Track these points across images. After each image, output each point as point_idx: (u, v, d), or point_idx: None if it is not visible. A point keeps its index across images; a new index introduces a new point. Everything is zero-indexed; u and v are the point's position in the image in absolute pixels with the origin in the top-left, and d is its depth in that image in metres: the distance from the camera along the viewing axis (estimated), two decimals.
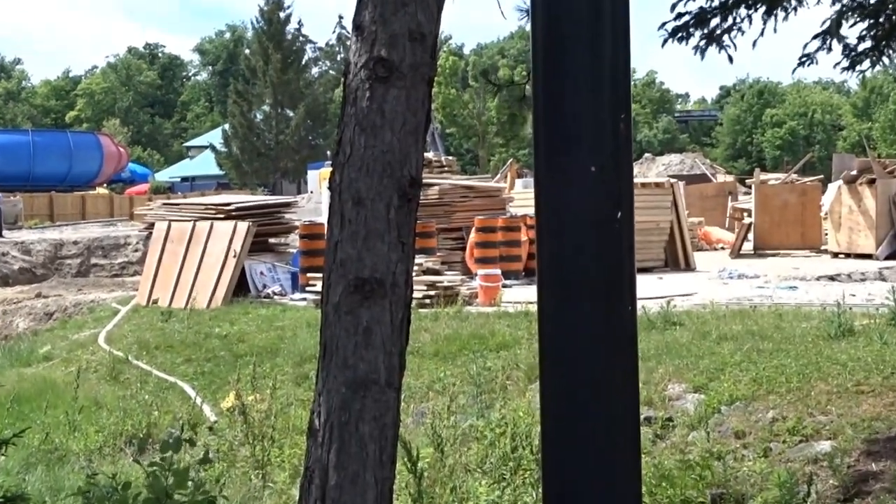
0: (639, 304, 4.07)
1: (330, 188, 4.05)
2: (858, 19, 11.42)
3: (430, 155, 31.97)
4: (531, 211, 3.66)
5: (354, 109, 3.99)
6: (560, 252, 3.52)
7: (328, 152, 62.09)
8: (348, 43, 4.17)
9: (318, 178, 48.26)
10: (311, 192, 51.24)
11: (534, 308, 3.91)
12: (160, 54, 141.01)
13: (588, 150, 3.48)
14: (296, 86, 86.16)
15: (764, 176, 39.91)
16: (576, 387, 3.52)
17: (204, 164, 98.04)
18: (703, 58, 10.89)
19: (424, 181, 21.74)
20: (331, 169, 4.10)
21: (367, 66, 3.96)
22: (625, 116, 3.51)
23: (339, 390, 3.95)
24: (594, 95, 3.49)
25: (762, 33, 11.00)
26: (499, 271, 22.40)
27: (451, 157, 34.29)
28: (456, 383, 13.72)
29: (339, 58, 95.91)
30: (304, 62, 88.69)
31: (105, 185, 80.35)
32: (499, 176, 47.63)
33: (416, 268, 21.07)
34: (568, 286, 3.50)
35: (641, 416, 6.97)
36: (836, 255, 29.59)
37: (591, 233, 3.49)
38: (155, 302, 24.47)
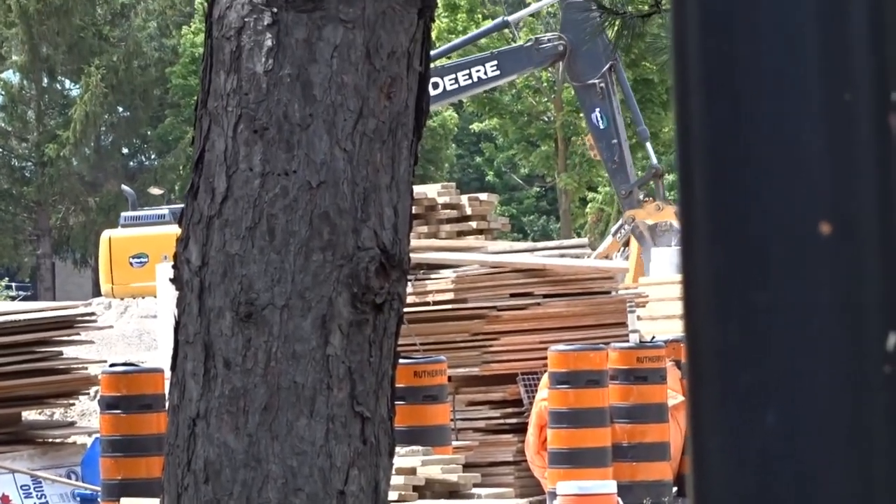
0: None
1: (175, 279, 1.99)
2: None
3: (429, 191, 14.89)
4: None
5: (236, 78, 1.95)
6: (752, 424, 1.26)
7: (166, 189, 36.11)
8: None
9: (102, 245, 25.66)
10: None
11: None
12: None
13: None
14: (87, 24, 41.47)
15: None
16: None
17: None
18: None
19: (420, 255, 12.13)
20: (176, 227, 2.10)
21: None
22: None
23: None
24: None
25: None
26: (611, 486, 10.53)
27: (487, 197, 15.69)
28: None
29: None
30: None
31: None
32: (612, 237, 23.21)
33: (396, 478, 9.50)
34: None
35: None
36: None
37: (829, 381, 1.22)
38: None
